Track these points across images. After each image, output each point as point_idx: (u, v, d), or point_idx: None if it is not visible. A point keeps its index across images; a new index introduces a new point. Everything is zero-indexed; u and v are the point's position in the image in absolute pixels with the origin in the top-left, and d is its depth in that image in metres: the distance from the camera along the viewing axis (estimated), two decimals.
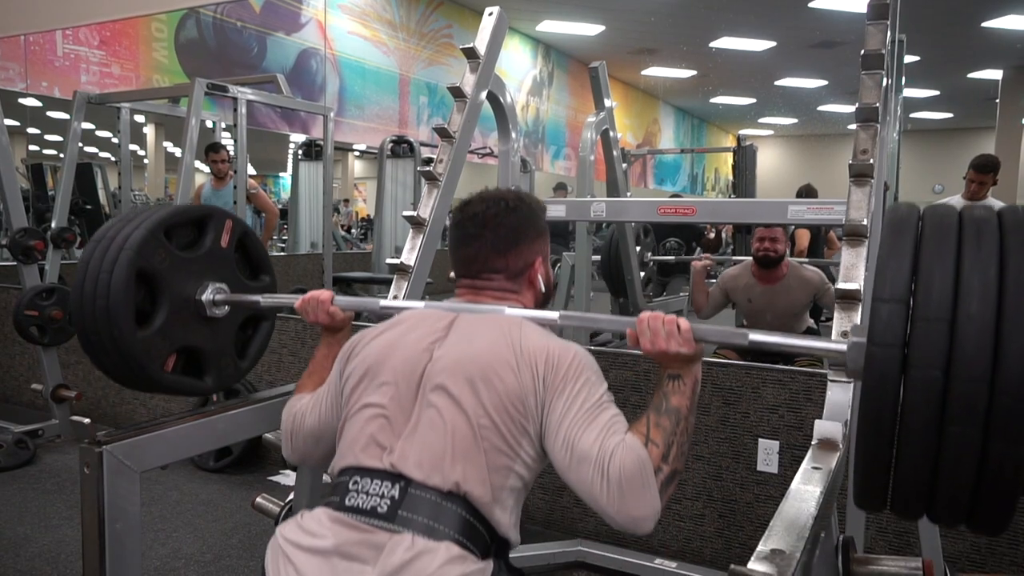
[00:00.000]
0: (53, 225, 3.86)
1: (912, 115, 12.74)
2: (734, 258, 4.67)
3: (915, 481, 0.85)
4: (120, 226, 1.52)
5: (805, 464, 1.12)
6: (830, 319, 1.39)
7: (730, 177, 6.48)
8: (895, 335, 0.83)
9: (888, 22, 1.60)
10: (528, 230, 1.30)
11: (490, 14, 2.02)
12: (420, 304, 1.33)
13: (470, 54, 1.99)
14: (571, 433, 1.06)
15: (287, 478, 3.15)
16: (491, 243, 1.26)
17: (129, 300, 1.45)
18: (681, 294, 4.92)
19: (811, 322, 3.36)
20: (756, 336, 1.13)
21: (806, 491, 1.02)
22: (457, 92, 1.95)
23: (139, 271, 1.47)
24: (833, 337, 1.32)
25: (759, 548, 0.86)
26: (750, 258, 3.29)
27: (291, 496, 1.84)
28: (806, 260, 4.10)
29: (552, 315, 1.27)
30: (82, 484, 1.30)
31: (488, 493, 1.06)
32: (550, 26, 9.38)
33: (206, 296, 1.59)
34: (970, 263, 0.82)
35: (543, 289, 1.33)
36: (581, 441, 1.05)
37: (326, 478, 1.37)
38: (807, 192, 4.62)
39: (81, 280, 1.49)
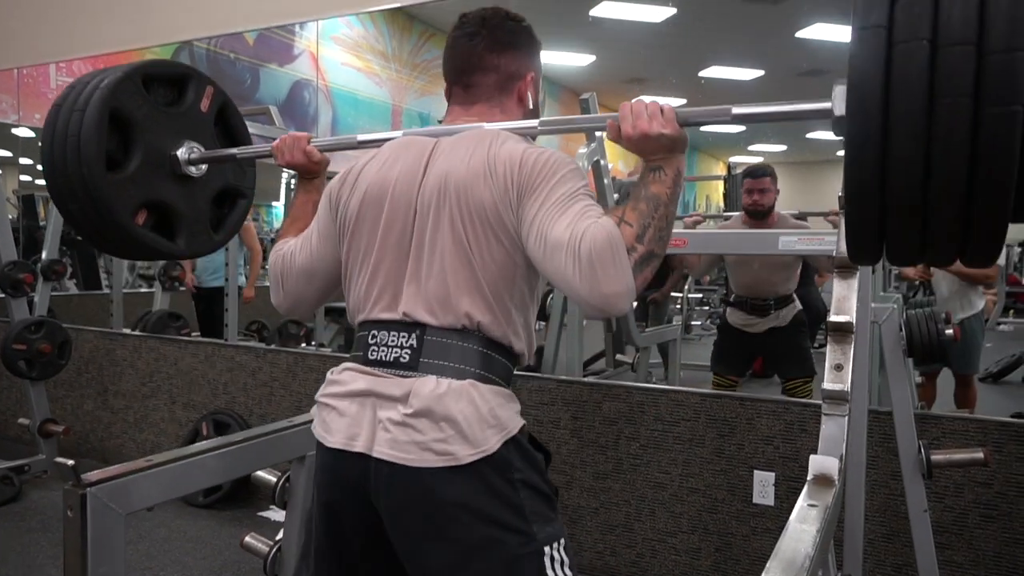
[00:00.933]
0: (43, 256, 3.84)
1: None
2: (724, 212, 4.65)
3: (909, 165, 0.80)
4: (96, 73, 1.49)
5: (801, 501, 1.10)
6: (824, 345, 1.38)
7: (721, 205, 6.52)
8: (880, 15, 0.80)
9: None
10: (526, 40, 1.29)
11: None
12: (398, 133, 1.30)
13: None
14: (544, 224, 1.05)
15: (277, 514, 3.10)
16: (487, 39, 1.24)
17: (101, 139, 1.42)
18: (674, 323, 4.93)
19: (799, 305, 3.22)
20: (739, 109, 1.11)
21: (802, 530, 1.01)
22: None
23: (113, 112, 1.44)
24: (827, 370, 1.31)
25: None
26: (740, 213, 3.27)
27: (280, 535, 1.81)
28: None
29: (532, 123, 1.25)
30: (65, 528, 1.27)
31: (498, 318, 1.11)
32: (541, 56, 9.50)
33: (181, 152, 1.57)
34: None
35: (531, 107, 1.30)
36: (554, 229, 1.04)
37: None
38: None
39: (53, 119, 1.45)
